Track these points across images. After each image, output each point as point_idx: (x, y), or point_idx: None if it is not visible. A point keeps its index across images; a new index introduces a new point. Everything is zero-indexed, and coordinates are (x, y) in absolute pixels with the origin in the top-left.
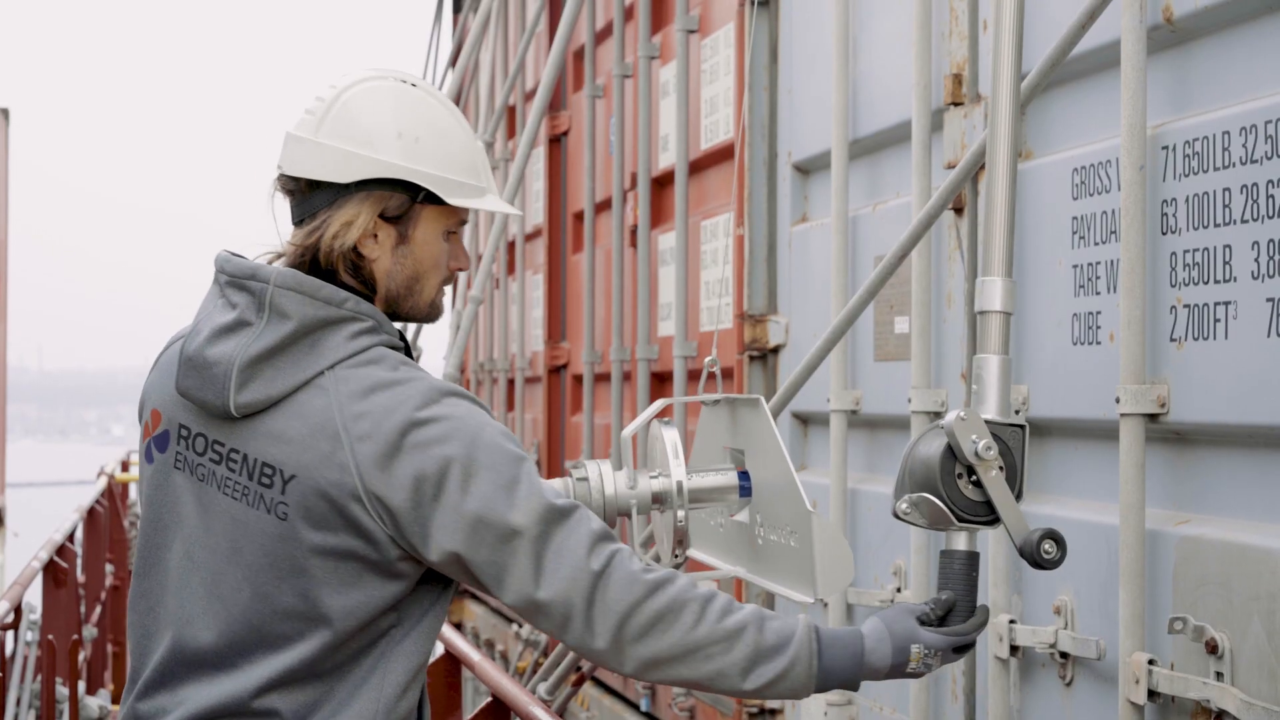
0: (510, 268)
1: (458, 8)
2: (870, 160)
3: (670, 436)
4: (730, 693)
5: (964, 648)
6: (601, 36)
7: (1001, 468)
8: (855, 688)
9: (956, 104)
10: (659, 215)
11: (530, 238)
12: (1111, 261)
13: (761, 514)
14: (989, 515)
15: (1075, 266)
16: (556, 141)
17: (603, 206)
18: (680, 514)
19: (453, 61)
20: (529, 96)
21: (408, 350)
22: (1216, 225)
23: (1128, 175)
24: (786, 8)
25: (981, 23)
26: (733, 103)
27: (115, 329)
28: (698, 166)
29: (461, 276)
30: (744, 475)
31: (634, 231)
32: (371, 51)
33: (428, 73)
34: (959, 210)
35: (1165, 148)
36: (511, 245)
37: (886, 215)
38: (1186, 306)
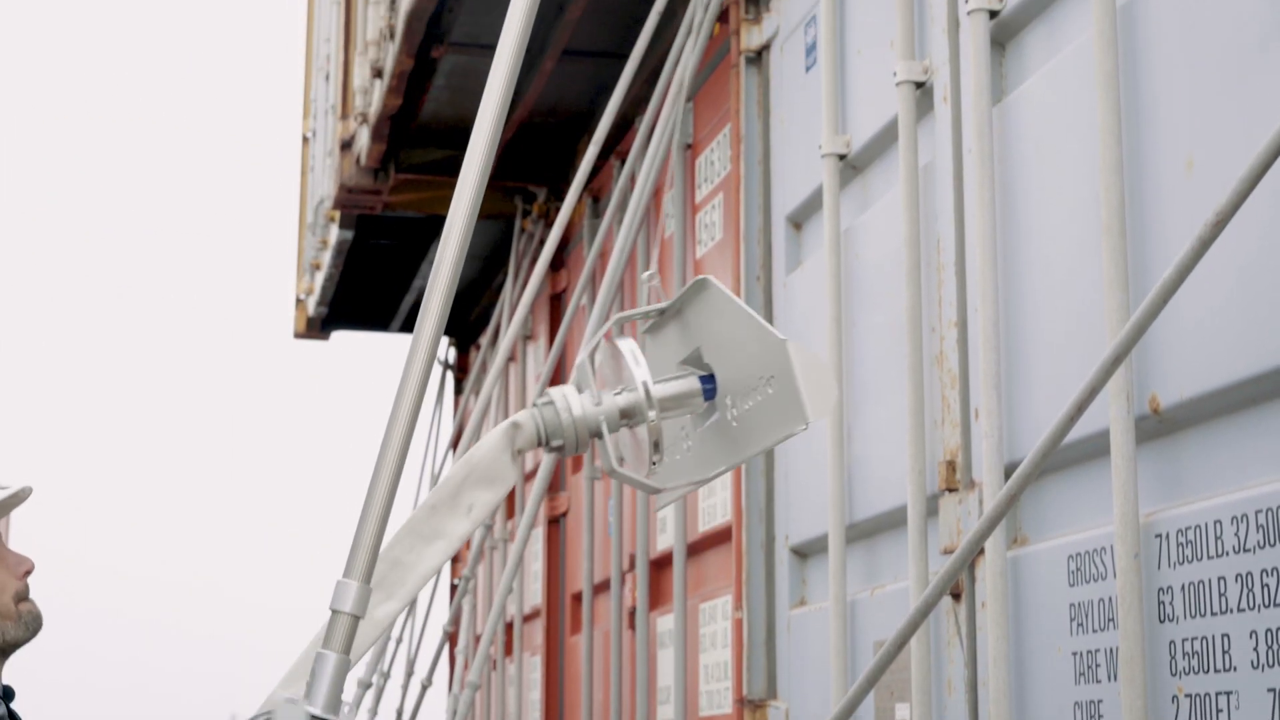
0: (508, 649)
1: (459, 390)
2: (867, 544)
3: (627, 345)
4: None
5: None
6: None
7: None
8: None
9: (951, 490)
10: (657, 597)
11: (528, 619)
12: (1111, 649)
13: (731, 394)
14: None
15: (1075, 654)
16: (555, 523)
17: (601, 588)
18: (652, 414)
19: (454, 445)
20: (529, 478)
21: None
22: (1213, 614)
23: (1123, 563)
24: None
25: (973, 410)
26: (730, 486)
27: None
28: (696, 549)
29: (459, 658)
30: (705, 379)
31: (632, 613)
32: (372, 430)
33: (428, 455)
34: (957, 596)
35: (1159, 535)
36: (509, 626)
37: (885, 600)
38: (1188, 696)
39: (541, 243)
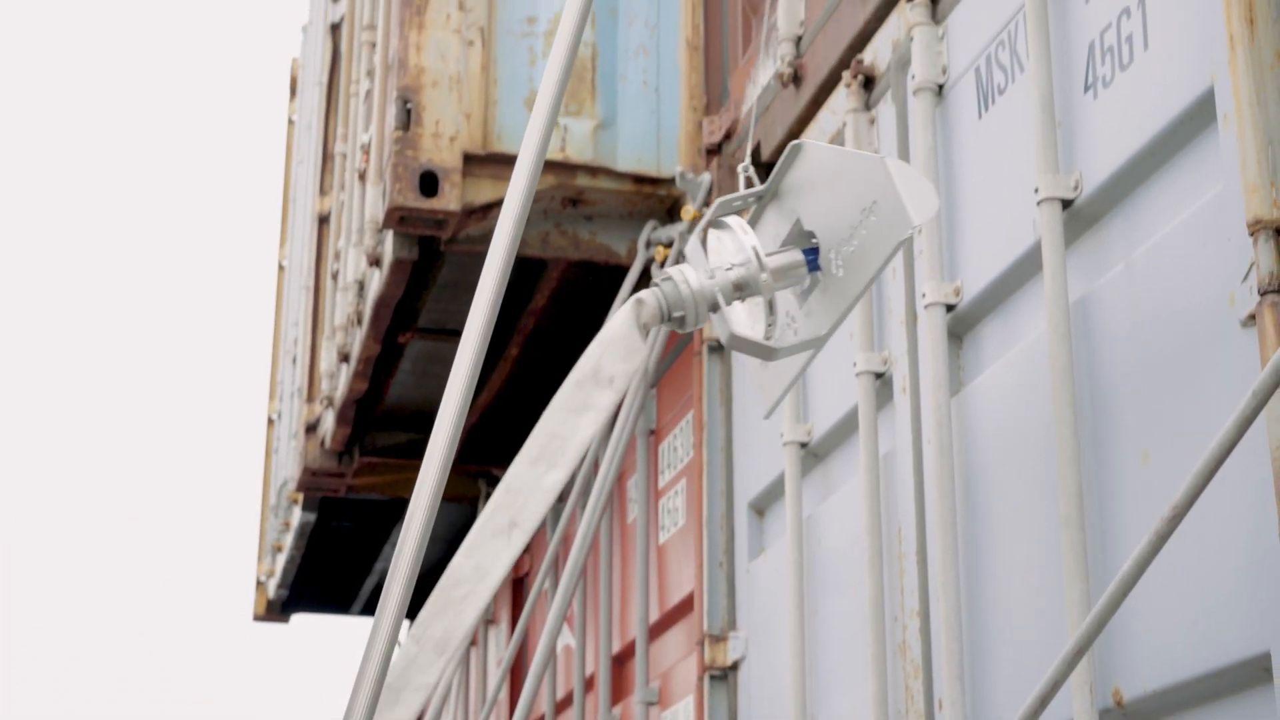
0: None
1: None
2: None
3: (734, 220)
4: None
5: None
6: (562, 706)
7: None
8: None
9: None
10: None
11: None
12: None
13: (834, 248)
14: None
15: None
16: None
17: None
18: (764, 276)
19: None
20: None
21: None
22: None
23: None
24: (745, 683)
25: (937, 701)
26: None
27: None
28: None
29: None
30: (807, 251)
31: None
32: (331, 717)
33: None
34: None
35: None
36: None
37: None
38: None
39: None
